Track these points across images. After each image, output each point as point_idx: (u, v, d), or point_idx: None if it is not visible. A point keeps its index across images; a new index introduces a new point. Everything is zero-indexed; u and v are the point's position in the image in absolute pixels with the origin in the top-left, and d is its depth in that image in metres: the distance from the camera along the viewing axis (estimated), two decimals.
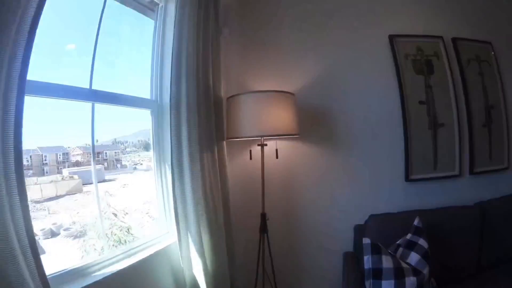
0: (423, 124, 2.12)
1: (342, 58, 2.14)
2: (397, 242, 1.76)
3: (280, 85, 1.93)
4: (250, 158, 1.90)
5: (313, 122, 2.10)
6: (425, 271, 1.59)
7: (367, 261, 1.58)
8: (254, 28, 2.14)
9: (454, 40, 2.22)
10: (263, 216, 1.87)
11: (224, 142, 1.85)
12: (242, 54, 2.13)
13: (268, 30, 2.14)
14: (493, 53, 2.32)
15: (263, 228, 1.86)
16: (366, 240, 1.60)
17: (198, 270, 1.53)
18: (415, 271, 1.58)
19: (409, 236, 1.74)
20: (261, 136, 1.74)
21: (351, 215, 2.07)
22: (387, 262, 1.55)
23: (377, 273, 1.55)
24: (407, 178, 2.10)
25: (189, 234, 1.52)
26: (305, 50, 2.14)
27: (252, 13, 2.15)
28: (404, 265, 1.58)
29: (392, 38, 2.11)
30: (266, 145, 1.84)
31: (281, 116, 1.72)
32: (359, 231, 1.96)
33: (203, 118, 1.59)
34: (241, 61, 2.13)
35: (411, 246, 1.69)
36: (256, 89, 1.97)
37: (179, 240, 1.51)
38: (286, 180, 2.13)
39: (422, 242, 1.69)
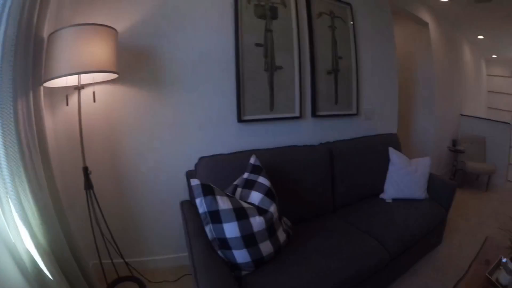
0: (258, 66, 2.11)
1: None
2: (234, 183, 1.66)
3: (110, 20, 1.66)
4: (67, 104, 1.66)
5: (140, 63, 1.86)
6: (272, 209, 1.51)
7: (200, 204, 1.37)
8: None
9: None
10: (85, 170, 1.64)
11: (42, 88, 1.48)
12: None
13: None
14: (351, 13, 2.57)
15: (88, 184, 1.64)
16: (194, 182, 1.39)
17: (30, 244, 1.22)
18: (260, 210, 1.47)
19: (246, 175, 1.66)
20: (76, 73, 1.48)
21: (184, 161, 1.93)
22: (224, 203, 1.38)
23: (215, 216, 1.37)
24: (240, 119, 2.07)
25: (9, 198, 1.16)
26: None
27: None
28: (245, 204, 1.45)
29: None
30: (83, 87, 1.63)
31: (99, 51, 1.50)
32: (191, 176, 1.81)
33: (19, 61, 1.24)
34: None
35: (250, 185, 1.60)
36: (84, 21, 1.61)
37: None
38: (109, 129, 1.85)
39: (262, 180, 1.62)
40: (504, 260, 1.58)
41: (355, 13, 2.66)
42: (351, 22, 2.61)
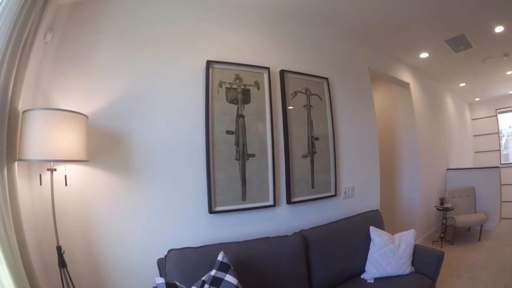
0: (230, 155, 2.06)
1: (152, 79, 1.93)
2: (203, 278, 1.59)
3: (82, 104, 1.75)
4: (40, 184, 1.65)
5: (111, 147, 1.84)
6: None
7: None
8: (78, 38, 1.82)
9: (282, 72, 2.31)
10: (58, 249, 1.64)
11: (16, 164, 1.46)
12: (57, 65, 1.77)
13: (90, 45, 1.84)
14: (327, 87, 2.56)
15: (61, 263, 1.63)
16: (159, 280, 1.41)
17: None
18: None
19: (213, 272, 1.60)
20: (47, 161, 1.52)
21: (155, 248, 1.86)
22: None
23: None
24: (211, 210, 1.99)
25: None
26: (117, 68, 1.87)
27: (82, 20, 1.83)
28: None
29: (209, 63, 2.01)
30: (55, 170, 1.62)
31: (71, 139, 1.54)
32: (162, 266, 1.78)
33: None
34: (53, 73, 1.75)
35: (217, 283, 1.55)
36: (58, 106, 1.70)
37: None
38: (80, 210, 1.80)
39: (229, 278, 1.57)
40: None
41: (332, 87, 2.68)
42: (328, 98, 2.60)
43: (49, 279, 1.70)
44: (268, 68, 2.25)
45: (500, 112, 6.91)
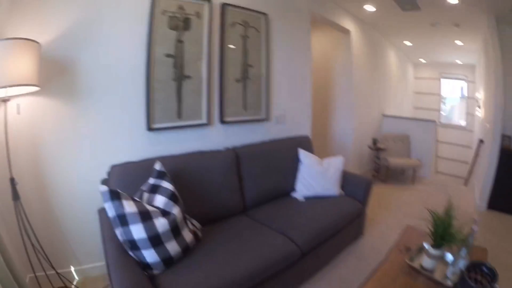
0: (168, 76, 2.19)
1: (102, 9, 1.97)
2: (142, 188, 1.75)
3: (37, 35, 1.72)
4: None
5: (61, 75, 1.88)
6: (174, 211, 1.63)
7: (109, 208, 1.48)
8: None
9: (223, 5, 2.44)
10: (12, 181, 1.67)
11: None
12: None
13: None
14: (265, 22, 2.71)
15: (14, 195, 1.67)
16: (102, 188, 1.49)
17: None
18: (164, 212, 1.58)
19: (151, 180, 1.76)
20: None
21: (101, 171, 1.97)
22: (129, 207, 1.49)
23: (123, 219, 1.47)
24: (149, 128, 2.14)
25: None
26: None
27: None
28: (150, 208, 1.56)
29: None
30: (8, 100, 1.63)
31: (23, 64, 1.55)
32: (106, 184, 1.87)
33: None
34: (8, 6, 1.73)
35: (155, 189, 1.71)
36: (12, 35, 1.67)
37: None
38: (33, 140, 1.87)
39: (166, 184, 1.73)
40: (425, 246, 1.70)
41: (271, 22, 2.84)
42: (265, 32, 2.77)
43: (4, 214, 1.75)
44: (209, 0, 2.34)
45: (444, 77, 7.29)
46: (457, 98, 7.31)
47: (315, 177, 2.66)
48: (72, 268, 2.07)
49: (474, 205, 3.99)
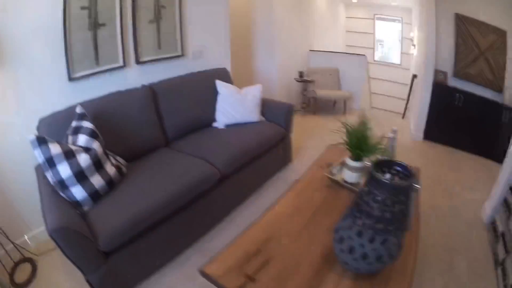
0: (83, 26, 2.23)
1: None
2: (66, 132, 1.87)
3: None
4: None
5: None
6: (95, 146, 1.78)
7: (39, 155, 1.59)
8: None
9: None
10: None
11: None
12: None
13: None
14: None
15: None
16: (30, 137, 1.59)
17: None
18: (86, 149, 1.74)
19: (74, 123, 1.88)
20: None
21: (30, 127, 1.97)
22: (55, 149, 1.62)
23: (51, 162, 1.61)
24: (70, 78, 2.22)
25: None
26: None
27: None
28: (73, 147, 1.70)
29: None
30: None
31: None
32: (39, 139, 1.89)
33: None
34: None
35: (77, 130, 1.84)
36: None
37: None
38: None
39: (86, 124, 1.86)
40: (346, 160, 1.72)
41: None
42: None
43: None
44: None
45: (378, 18, 7.27)
46: (395, 40, 7.42)
47: (234, 106, 2.80)
48: (26, 237, 2.14)
49: (410, 136, 4.36)
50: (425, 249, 2.14)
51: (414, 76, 5.07)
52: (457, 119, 3.96)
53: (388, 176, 1.27)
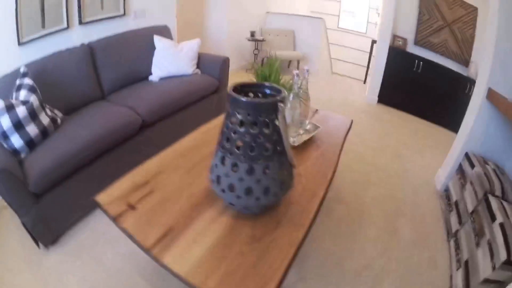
0: None
1: None
2: (12, 90, 2.04)
3: None
4: None
5: None
6: (31, 99, 1.96)
7: None
8: None
9: None
10: None
11: None
12: None
13: None
14: None
15: None
16: None
17: None
18: (24, 102, 1.91)
19: (17, 81, 2.10)
20: None
21: None
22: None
23: None
24: (20, 42, 2.40)
25: None
26: None
27: None
28: (13, 101, 1.93)
29: None
30: None
31: None
32: None
33: None
34: None
35: (20, 87, 2.05)
36: None
37: None
38: None
39: (27, 81, 2.08)
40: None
41: None
42: None
43: None
44: None
45: None
46: (364, 10, 7.25)
47: (169, 59, 2.95)
48: None
49: (366, 99, 4.43)
50: (370, 208, 2.15)
51: (374, 42, 5.12)
52: (416, 86, 3.97)
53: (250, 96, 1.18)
